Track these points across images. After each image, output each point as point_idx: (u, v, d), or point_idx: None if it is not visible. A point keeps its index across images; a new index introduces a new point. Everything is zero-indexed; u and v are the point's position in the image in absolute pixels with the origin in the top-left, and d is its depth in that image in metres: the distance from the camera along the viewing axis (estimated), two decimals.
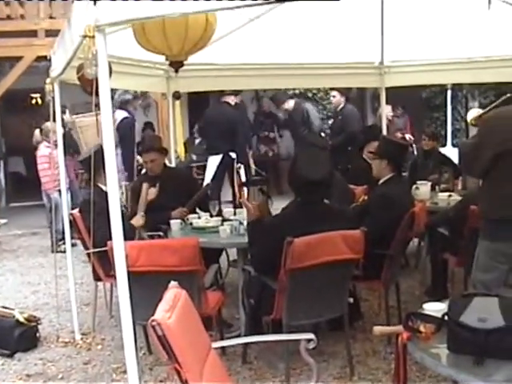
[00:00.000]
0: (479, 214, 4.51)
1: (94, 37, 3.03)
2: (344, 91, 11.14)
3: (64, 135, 6.32)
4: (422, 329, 3.04)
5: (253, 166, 11.66)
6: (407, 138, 12.42)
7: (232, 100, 10.78)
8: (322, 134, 12.52)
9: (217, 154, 10.42)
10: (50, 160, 9.65)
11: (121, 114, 10.40)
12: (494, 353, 2.77)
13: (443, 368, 2.89)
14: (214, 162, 10.53)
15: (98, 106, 3.26)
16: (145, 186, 6.52)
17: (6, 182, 15.30)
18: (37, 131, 11.27)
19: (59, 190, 9.00)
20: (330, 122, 11.78)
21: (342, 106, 11.11)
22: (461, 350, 2.85)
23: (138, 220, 6.17)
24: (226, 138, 10.36)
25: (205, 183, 10.57)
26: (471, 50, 7.74)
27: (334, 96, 11.28)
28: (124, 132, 10.03)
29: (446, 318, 2.99)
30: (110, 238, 3.37)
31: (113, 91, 9.63)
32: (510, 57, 7.57)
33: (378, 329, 3.52)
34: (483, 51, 7.68)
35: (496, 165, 4.18)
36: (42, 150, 10.31)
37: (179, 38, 4.39)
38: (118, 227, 3.23)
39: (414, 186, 7.29)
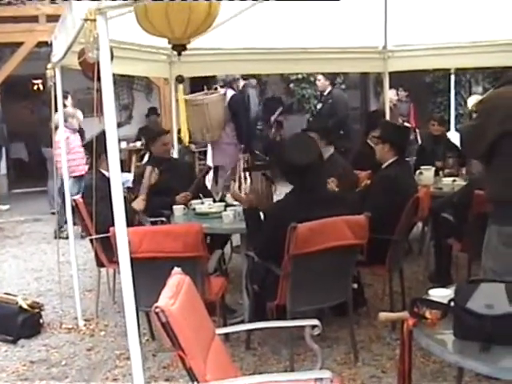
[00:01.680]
0: (487, 198, 4.46)
1: (95, 20, 2.99)
2: (329, 76, 11.16)
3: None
4: (427, 315, 3.01)
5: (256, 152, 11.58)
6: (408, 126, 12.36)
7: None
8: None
9: None
10: (67, 145, 9.61)
11: (230, 92, 10.36)
12: (500, 339, 2.74)
13: (449, 354, 2.86)
14: None
15: (98, 90, 3.22)
16: (148, 168, 6.52)
17: (8, 168, 15.28)
18: (56, 115, 11.23)
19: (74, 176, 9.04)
20: (319, 106, 11.64)
21: (328, 90, 11.13)
22: (467, 336, 2.83)
23: (138, 203, 6.14)
24: None
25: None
26: (475, 34, 7.68)
27: (319, 80, 11.24)
28: (236, 107, 9.95)
29: (452, 304, 2.96)
30: (113, 224, 3.34)
31: None
32: None
33: (383, 315, 3.49)
34: (487, 35, 7.63)
35: (499, 145, 4.12)
36: (60, 135, 10.26)
37: (182, 20, 4.34)
38: (121, 213, 3.20)
39: (418, 171, 7.27)
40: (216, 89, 10.24)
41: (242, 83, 11.30)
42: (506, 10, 6.70)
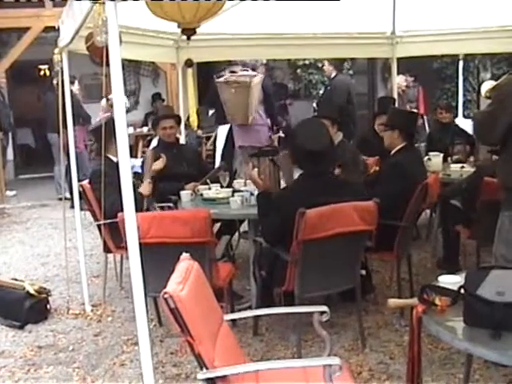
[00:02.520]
0: (499, 184, 4.44)
1: (104, 3, 2.97)
2: (335, 61, 11.11)
3: (73, 105, 6.26)
4: (437, 302, 3.00)
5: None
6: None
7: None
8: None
9: (225, 123, 10.30)
10: None
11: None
12: (511, 326, 2.72)
13: (459, 341, 2.84)
14: (223, 131, 10.45)
15: (106, 75, 3.19)
16: (149, 152, 6.53)
17: (15, 154, 15.29)
18: (103, 101, 11.25)
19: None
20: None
21: (333, 75, 11.08)
22: (477, 323, 2.80)
23: (145, 188, 6.11)
24: None
25: (216, 154, 10.57)
26: (483, 20, 7.65)
27: (324, 65, 11.28)
28: (269, 90, 9.91)
29: (462, 290, 2.94)
30: (120, 209, 3.32)
31: None
32: None
33: (392, 301, 3.48)
34: (496, 21, 7.59)
35: None
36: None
37: (192, 4, 4.32)
38: (130, 199, 3.18)
39: (426, 158, 7.24)
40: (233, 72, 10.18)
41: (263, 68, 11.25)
42: None
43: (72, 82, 10.57)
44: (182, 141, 8.03)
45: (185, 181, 6.60)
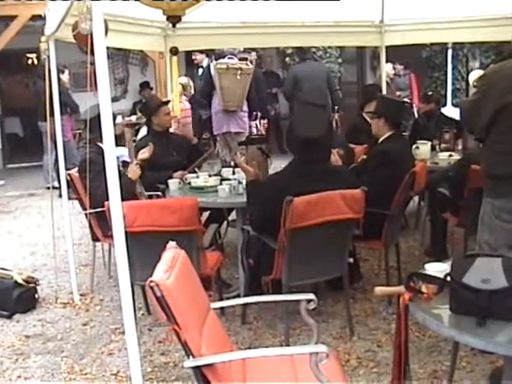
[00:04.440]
0: (481, 172, 4.46)
1: None
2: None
3: (60, 94, 6.24)
4: (423, 289, 3.00)
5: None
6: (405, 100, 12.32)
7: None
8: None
9: None
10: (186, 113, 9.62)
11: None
12: (496, 314, 2.73)
13: (445, 329, 2.85)
14: None
15: (93, 64, 3.18)
16: (126, 130, 6.52)
17: (3, 143, 15.22)
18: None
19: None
20: None
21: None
22: (463, 311, 2.81)
23: (133, 171, 6.07)
24: None
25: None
26: (472, 9, 7.64)
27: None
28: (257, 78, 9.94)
29: (448, 278, 2.95)
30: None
31: None
32: (510, 15, 7.46)
33: (379, 289, 3.48)
34: (484, 9, 7.58)
35: (496, 120, 4.13)
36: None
37: None
38: (115, 187, 3.17)
39: (414, 146, 7.24)
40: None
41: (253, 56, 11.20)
42: None
43: (62, 71, 10.55)
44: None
45: (174, 169, 6.60)
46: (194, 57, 10.36)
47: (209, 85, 9.32)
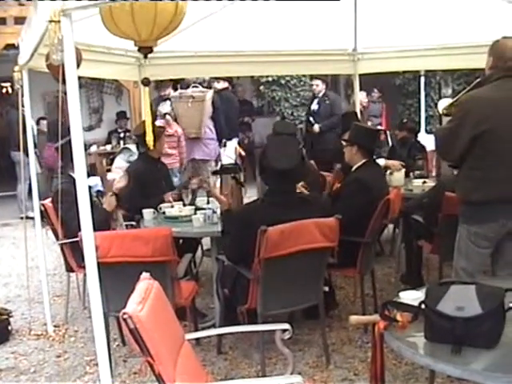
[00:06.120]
0: (457, 198, 4.50)
1: (59, 21, 2.95)
2: (325, 78, 11.45)
3: (50, 123, 6.25)
4: (398, 318, 3.00)
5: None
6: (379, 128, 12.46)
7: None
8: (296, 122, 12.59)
9: None
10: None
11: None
12: (472, 341, 2.74)
13: (421, 357, 2.84)
14: None
15: (65, 93, 3.17)
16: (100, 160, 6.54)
17: None
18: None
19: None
20: (315, 107, 11.70)
21: (323, 92, 11.34)
22: (438, 338, 2.81)
23: (108, 202, 6.04)
24: None
25: None
26: (444, 37, 7.71)
27: (317, 85, 11.43)
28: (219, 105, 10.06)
29: (422, 306, 2.95)
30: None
31: None
32: (481, 43, 7.53)
33: (354, 318, 3.48)
34: (455, 38, 7.66)
35: (473, 147, 4.18)
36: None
37: (148, 22, 4.29)
38: (88, 217, 3.16)
39: (389, 172, 7.28)
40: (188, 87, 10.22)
41: (221, 85, 11.21)
42: (473, 14, 6.75)
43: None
44: None
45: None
46: (162, 92, 10.38)
47: None
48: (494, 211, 4.21)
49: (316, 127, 10.85)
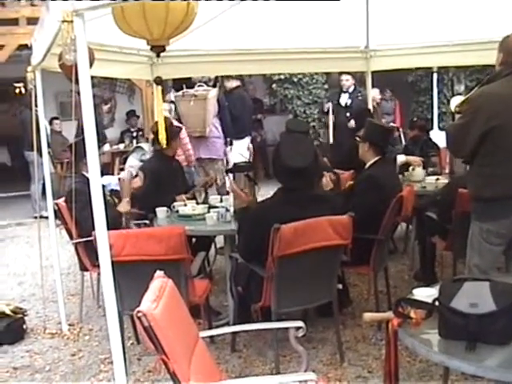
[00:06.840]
0: (469, 195, 4.48)
1: (72, 21, 2.96)
2: (354, 74, 11.74)
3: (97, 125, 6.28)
4: (412, 315, 3.00)
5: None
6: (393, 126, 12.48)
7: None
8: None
9: None
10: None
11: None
12: (485, 338, 2.73)
13: (435, 354, 2.84)
14: None
15: (79, 93, 3.18)
16: (126, 173, 6.55)
17: None
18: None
19: None
20: (346, 101, 11.79)
21: (353, 87, 11.74)
22: (452, 335, 2.81)
23: (123, 206, 6.10)
24: None
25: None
26: (456, 33, 7.69)
27: (347, 79, 11.83)
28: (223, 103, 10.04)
29: (436, 303, 2.95)
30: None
31: None
32: (494, 39, 7.50)
33: (368, 315, 3.48)
34: (468, 34, 7.63)
35: (483, 144, 4.17)
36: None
37: (160, 21, 4.31)
38: (101, 216, 3.17)
39: (411, 167, 7.29)
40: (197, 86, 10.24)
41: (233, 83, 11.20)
42: (486, 10, 6.73)
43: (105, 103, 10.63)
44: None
45: (178, 193, 6.73)
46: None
47: None
48: (504, 208, 4.20)
49: (352, 123, 10.78)
